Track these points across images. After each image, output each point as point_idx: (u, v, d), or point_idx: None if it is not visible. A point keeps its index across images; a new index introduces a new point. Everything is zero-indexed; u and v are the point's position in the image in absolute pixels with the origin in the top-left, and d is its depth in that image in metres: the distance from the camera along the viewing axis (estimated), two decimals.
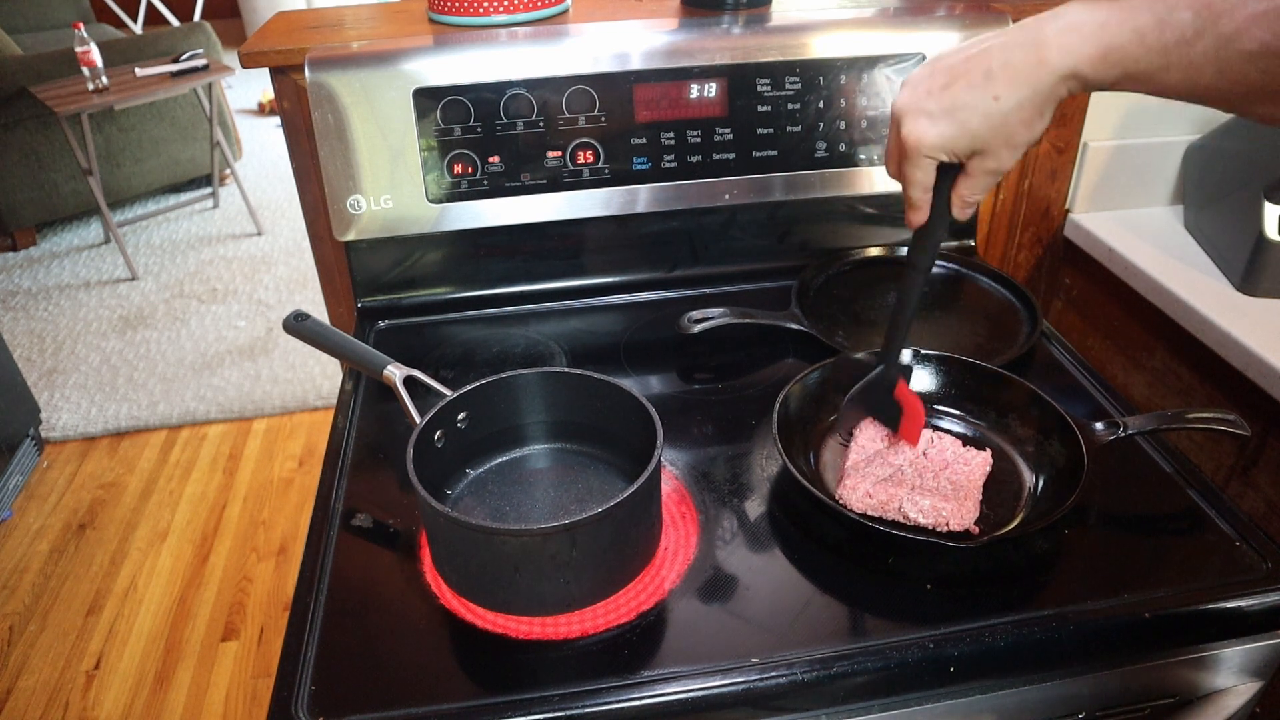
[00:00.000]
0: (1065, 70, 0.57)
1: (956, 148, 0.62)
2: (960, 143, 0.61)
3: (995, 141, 0.61)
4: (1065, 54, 0.56)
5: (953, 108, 0.60)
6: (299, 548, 1.98)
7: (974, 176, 0.64)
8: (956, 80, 0.60)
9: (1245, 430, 0.77)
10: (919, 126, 0.62)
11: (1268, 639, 0.71)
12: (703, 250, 1.16)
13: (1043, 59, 0.57)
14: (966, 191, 0.65)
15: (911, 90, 0.63)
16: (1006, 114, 0.59)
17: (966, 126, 0.60)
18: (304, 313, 0.89)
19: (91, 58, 2.88)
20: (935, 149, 0.62)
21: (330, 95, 0.97)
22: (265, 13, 5.14)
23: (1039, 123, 0.60)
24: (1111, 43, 0.55)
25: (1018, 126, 0.60)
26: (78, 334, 2.87)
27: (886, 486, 0.76)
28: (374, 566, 0.74)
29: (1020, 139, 0.60)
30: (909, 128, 0.63)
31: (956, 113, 0.60)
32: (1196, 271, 1.15)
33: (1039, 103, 0.59)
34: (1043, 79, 0.57)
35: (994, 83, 0.59)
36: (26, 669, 1.76)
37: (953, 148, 0.62)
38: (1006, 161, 0.62)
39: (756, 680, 0.63)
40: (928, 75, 0.62)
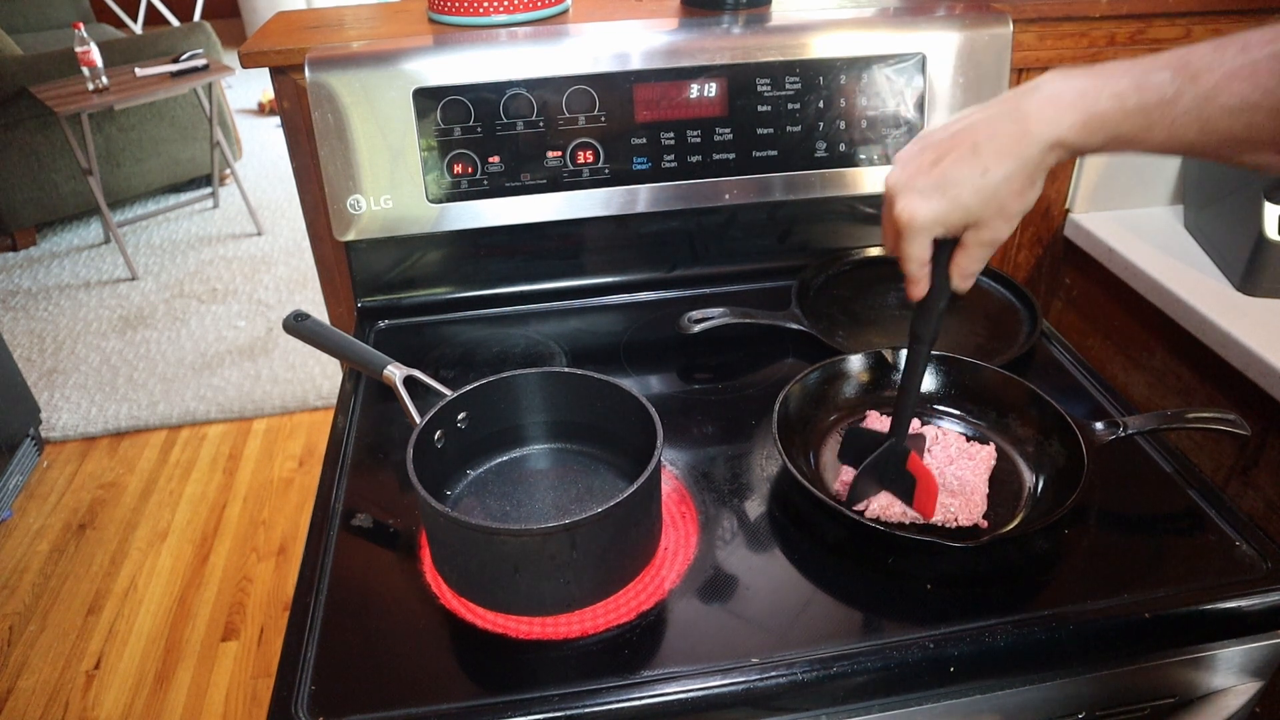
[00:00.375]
0: (1050, 140, 0.58)
1: (950, 222, 0.62)
2: (954, 217, 0.62)
3: (988, 213, 0.61)
4: (1048, 125, 0.57)
5: (943, 183, 0.61)
6: (299, 548, 1.98)
7: (970, 248, 0.64)
8: (945, 156, 0.61)
9: (1245, 430, 0.77)
10: (911, 204, 0.62)
11: (1268, 639, 0.71)
12: (703, 250, 1.16)
13: (1027, 130, 0.58)
14: (964, 263, 0.65)
15: (902, 168, 0.63)
16: (997, 186, 0.60)
17: (958, 201, 0.61)
18: (304, 313, 0.89)
19: (91, 58, 2.88)
20: (929, 225, 0.62)
21: (330, 95, 0.97)
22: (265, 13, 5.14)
23: (1030, 192, 0.61)
24: (1092, 110, 0.56)
25: (1009, 197, 0.60)
26: (78, 334, 2.87)
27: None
28: (374, 566, 0.74)
29: (1013, 209, 0.61)
30: (901, 205, 0.63)
31: (948, 188, 0.61)
32: (1196, 271, 1.15)
33: (1028, 173, 0.59)
34: (1028, 150, 0.58)
35: (982, 156, 0.59)
36: (26, 669, 1.76)
37: (946, 222, 0.62)
38: (1002, 232, 0.62)
39: (756, 680, 0.63)
40: (917, 152, 0.63)
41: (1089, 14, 1.16)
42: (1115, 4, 1.15)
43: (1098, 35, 1.19)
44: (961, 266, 0.65)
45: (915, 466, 0.74)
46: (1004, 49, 1.07)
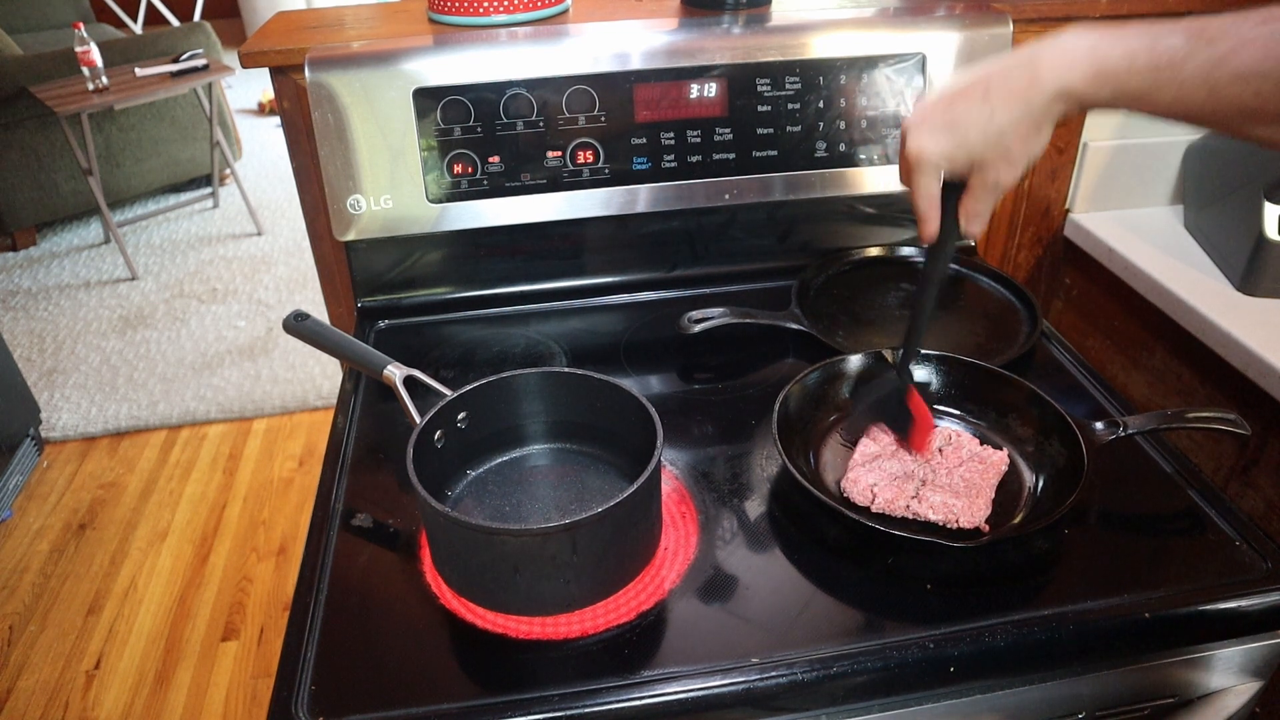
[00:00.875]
0: (1057, 89, 0.60)
1: (956, 159, 0.65)
2: (959, 155, 0.65)
3: (992, 155, 0.64)
4: (1058, 74, 0.60)
5: (953, 122, 0.64)
6: (299, 548, 1.98)
7: (975, 190, 0.67)
8: (959, 99, 0.64)
9: (1245, 430, 0.77)
10: (921, 138, 0.66)
11: (1268, 639, 0.71)
12: (703, 250, 1.16)
13: (1036, 77, 0.61)
14: (970, 205, 0.68)
15: (920, 108, 0.67)
16: (1002, 129, 0.62)
17: (965, 140, 0.64)
18: (304, 313, 0.89)
19: (91, 58, 2.88)
20: (936, 160, 0.66)
21: (330, 95, 0.97)
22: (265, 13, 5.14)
23: (1035, 138, 0.63)
24: (1103, 63, 0.58)
25: (1014, 141, 0.63)
26: (78, 334, 2.87)
27: (893, 483, 0.77)
28: (374, 566, 0.74)
29: (1017, 154, 0.64)
30: (912, 141, 0.66)
31: (956, 127, 0.64)
32: (1196, 271, 1.15)
33: (1034, 119, 0.62)
34: (1035, 97, 0.61)
35: (990, 100, 0.62)
36: (26, 669, 1.76)
37: (952, 159, 0.66)
38: (1005, 176, 0.65)
39: (756, 680, 0.63)
40: (937, 95, 0.66)
41: (1089, 14, 1.16)
42: (1115, 4, 1.15)
43: None
44: (969, 208, 0.68)
45: (914, 404, 0.77)
46: (1004, 49, 1.07)
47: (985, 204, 0.67)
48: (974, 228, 0.69)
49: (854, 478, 0.77)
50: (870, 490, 0.76)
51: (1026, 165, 0.64)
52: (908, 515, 0.75)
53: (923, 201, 0.69)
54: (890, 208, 1.18)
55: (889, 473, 0.78)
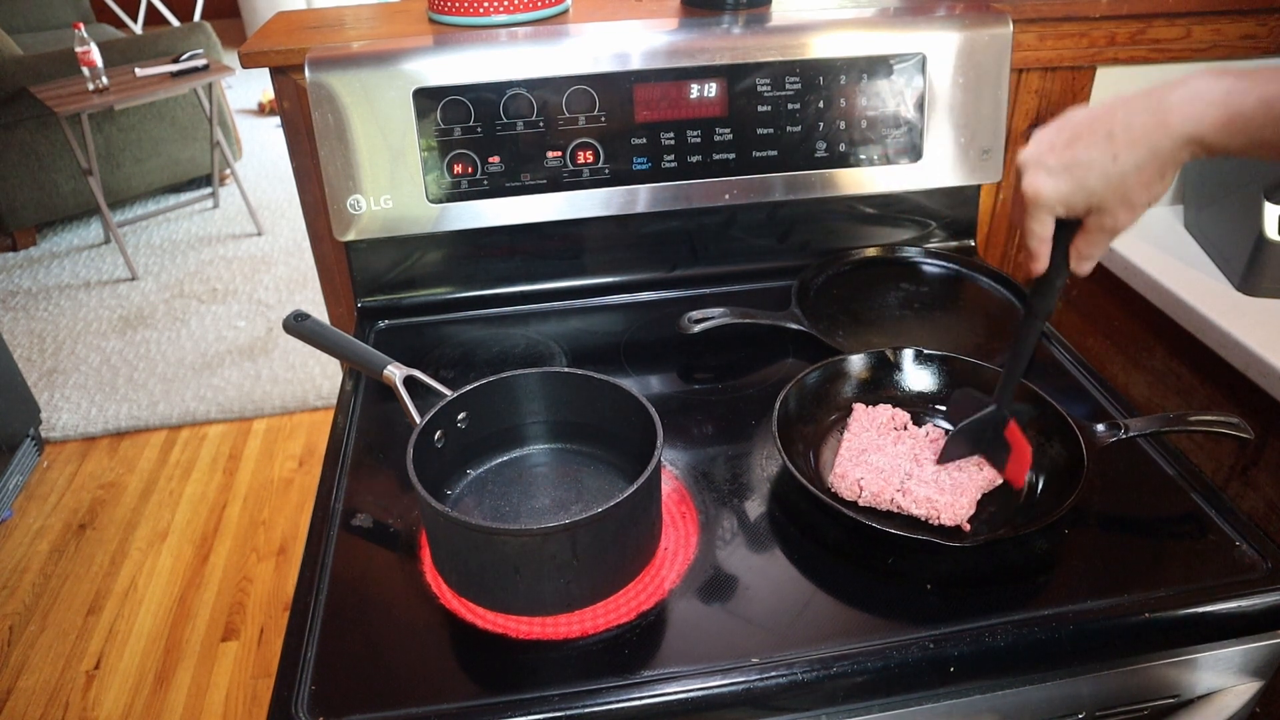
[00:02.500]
0: (1187, 135, 0.57)
1: (1074, 203, 0.63)
2: (1077, 199, 0.62)
3: (1112, 200, 0.61)
4: (1188, 120, 0.57)
5: (1072, 164, 0.61)
6: (299, 548, 1.98)
7: (1092, 233, 0.64)
8: (1079, 138, 0.61)
9: (1248, 434, 0.77)
10: (1038, 180, 0.63)
11: (1268, 639, 0.71)
12: (703, 250, 1.16)
13: (1165, 123, 0.58)
14: (1084, 247, 0.65)
15: (1036, 144, 0.64)
16: (1125, 174, 0.60)
17: (1084, 184, 0.61)
18: (304, 313, 0.89)
19: (91, 58, 2.88)
20: (1052, 203, 0.63)
21: (330, 95, 0.97)
22: (265, 13, 5.14)
23: (1158, 185, 0.60)
24: (1237, 111, 0.55)
25: (1136, 187, 0.60)
26: (78, 334, 2.87)
27: (879, 476, 0.77)
28: (374, 566, 0.74)
29: (1138, 199, 0.61)
30: (1029, 180, 0.63)
31: (1075, 169, 0.61)
32: (1196, 271, 1.15)
33: (1158, 165, 0.59)
34: (1162, 143, 0.58)
35: (1114, 143, 0.59)
36: (26, 669, 1.76)
37: (1070, 203, 0.63)
38: (1124, 221, 0.62)
39: (756, 680, 0.63)
40: (1055, 130, 0.63)
41: (1089, 14, 1.16)
42: (1115, 4, 1.15)
43: (1098, 35, 1.19)
44: (1081, 249, 0.66)
45: (1013, 435, 0.75)
46: (1004, 49, 1.07)
47: (1100, 247, 0.65)
48: (1084, 268, 0.67)
49: (841, 473, 0.77)
50: (857, 484, 0.76)
51: (1145, 210, 0.62)
52: (892, 509, 0.75)
53: (1034, 241, 0.66)
54: (890, 208, 1.18)
55: (875, 467, 0.78)
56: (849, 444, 0.81)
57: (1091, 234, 0.64)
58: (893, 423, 0.84)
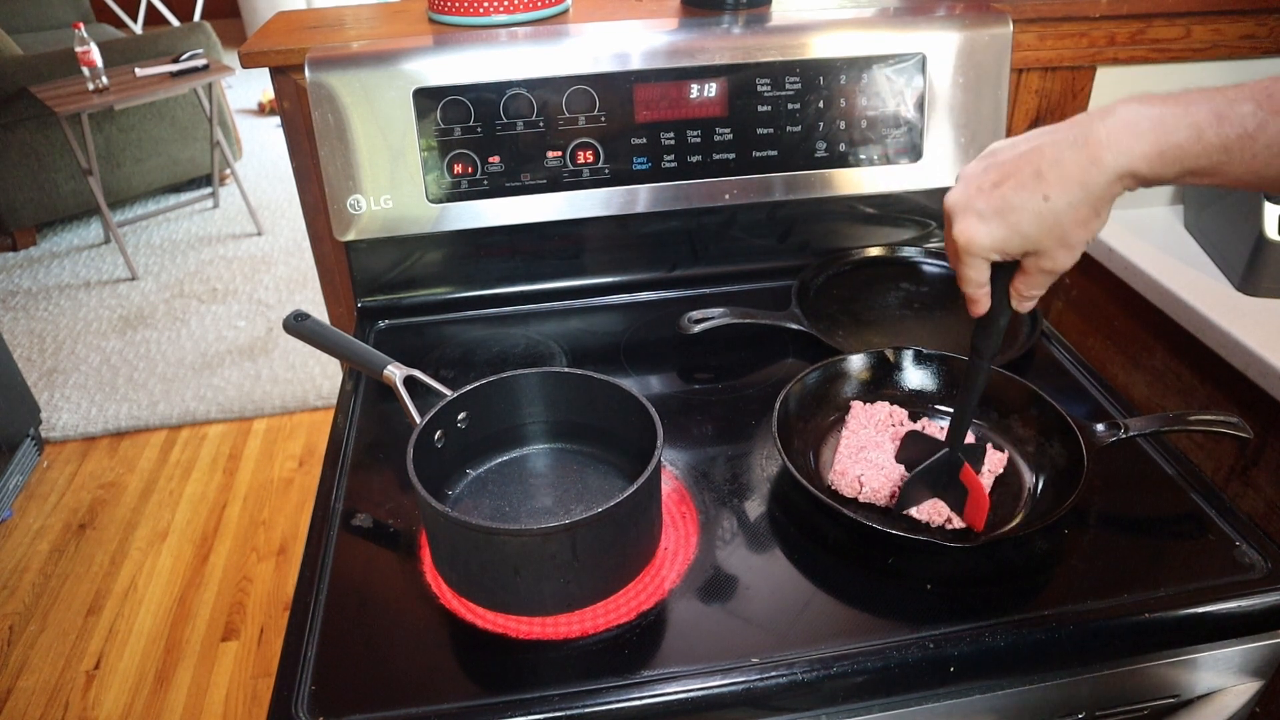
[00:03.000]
0: (1119, 170, 0.54)
1: (1009, 248, 0.60)
2: (1012, 243, 0.59)
3: (1049, 242, 0.58)
4: (1119, 154, 0.54)
5: (1003, 208, 0.58)
6: (299, 548, 1.98)
7: (1031, 275, 0.62)
8: (1007, 179, 0.58)
9: (1248, 433, 0.77)
10: (969, 226, 0.60)
11: (1268, 639, 0.71)
12: (703, 250, 1.16)
13: (1095, 158, 0.54)
14: (1023, 288, 0.63)
15: (963, 186, 0.61)
16: (1059, 215, 0.56)
17: (1018, 228, 0.58)
18: (304, 313, 0.89)
19: (91, 58, 2.88)
20: (986, 250, 0.60)
21: (330, 95, 0.97)
22: (265, 13, 5.14)
23: (1095, 222, 0.57)
24: (1169, 140, 0.53)
25: (1072, 226, 0.57)
26: (78, 334, 2.87)
27: (879, 473, 0.77)
28: (374, 566, 0.74)
29: (1075, 239, 0.58)
30: (959, 227, 0.60)
31: (1007, 214, 0.58)
32: (1196, 271, 1.15)
33: (1092, 203, 0.56)
34: (1095, 179, 0.55)
35: (1044, 183, 0.56)
36: (26, 669, 1.76)
37: (1004, 249, 0.60)
38: (1063, 261, 0.59)
39: (756, 680, 0.63)
40: (980, 171, 0.60)
41: (1089, 14, 1.16)
42: (1115, 4, 1.15)
43: (1098, 35, 1.19)
44: (1020, 291, 0.63)
45: (968, 478, 0.73)
46: (1004, 49, 1.07)
47: (1039, 288, 0.62)
48: (1026, 307, 0.64)
49: (841, 469, 0.77)
50: (858, 481, 0.76)
51: (1084, 248, 0.59)
52: (890, 504, 0.75)
53: (970, 287, 0.63)
54: (890, 208, 1.18)
55: (875, 464, 0.78)
56: (848, 441, 0.81)
57: (1031, 275, 0.61)
58: (890, 420, 0.84)
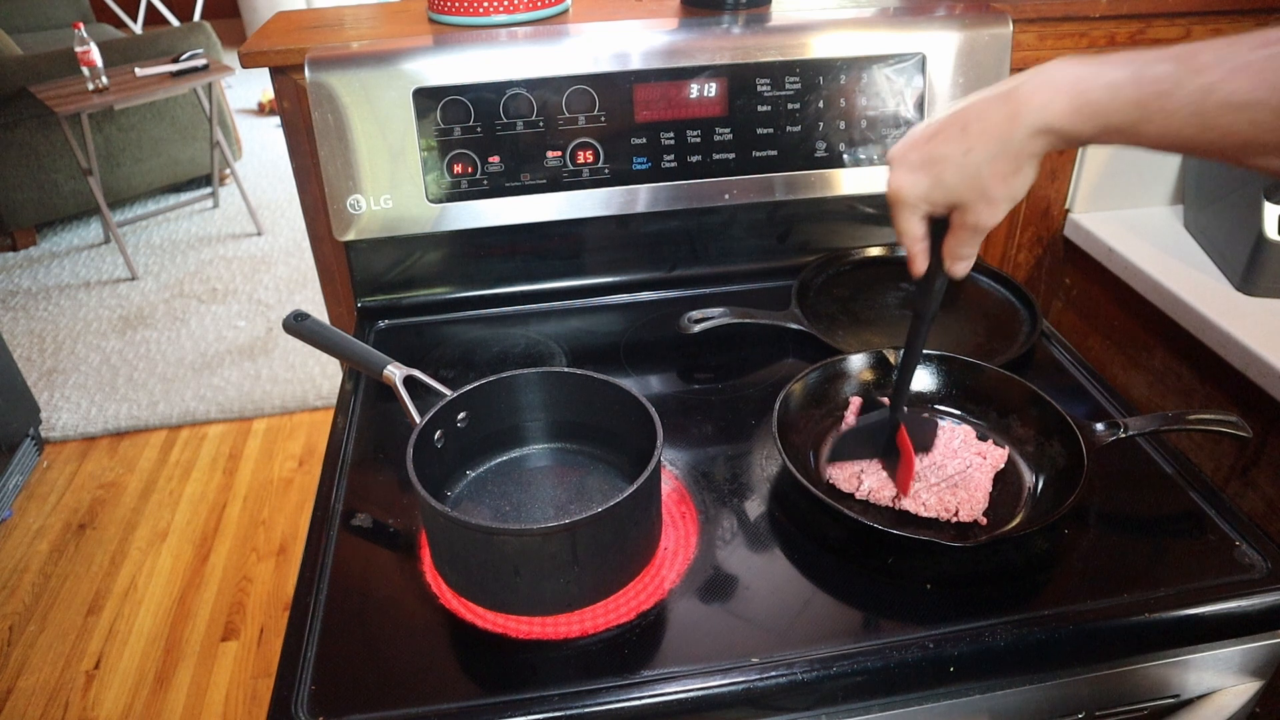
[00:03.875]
0: (1038, 125, 0.56)
1: (933, 199, 0.62)
2: (936, 194, 0.62)
3: (970, 195, 0.60)
4: (1037, 109, 0.56)
5: (930, 160, 0.61)
6: (299, 548, 1.98)
7: (958, 231, 0.64)
8: (937, 135, 0.61)
9: (1247, 432, 0.77)
10: (899, 177, 0.63)
11: (1267, 639, 0.71)
12: (703, 250, 1.16)
13: (1015, 113, 0.57)
14: (953, 245, 0.65)
15: (901, 142, 0.64)
16: (979, 167, 0.59)
17: (941, 179, 0.61)
18: (304, 313, 0.89)
19: (91, 58, 2.88)
20: (913, 201, 0.63)
21: (330, 95, 0.97)
22: (265, 13, 5.14)
23: (1016, 178, 0.59)
24: (1085, 96, 0.54)
25: (991, 179, 0.59)
26: (78, 334, 2.87)
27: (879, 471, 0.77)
28: (374, 566, 0.74)
29: (996, 194, 0.60)
30: (891, 178, 0.64)
31: (933, 165, 0.61)
32: (1196, 271, 1.15)
33: (1011, 157, 0.58)
34: (1013, 133, 0.57)
35: (968, 136, 0.59)
36: (26, 669, 1.76)
37: (930, 199, 0.62)
38: (985, 216, 0.61)
39: (756, 680, 0.63)
40: (920, 129, 0.63)
41: (1089, 14, 1.16)
42: (1115, 4, 1.15)
43: (1098, 35, 1.19)
44: (949, 248, 0.65)
45: (901, 442, 0.76)
46: (1004, 49, 1.07)
47: (966, 245, 0.64)
48: (957, 269, 0.66)
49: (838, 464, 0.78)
50: (857, 477, 0.77)
51: (1008, 205, 0.60)
52: (895, 505, 0.75)
53: (906, 240, 0.66)
54: None
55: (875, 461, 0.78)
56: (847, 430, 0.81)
57: (957, 232, 0.63)
58: None
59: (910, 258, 0.68)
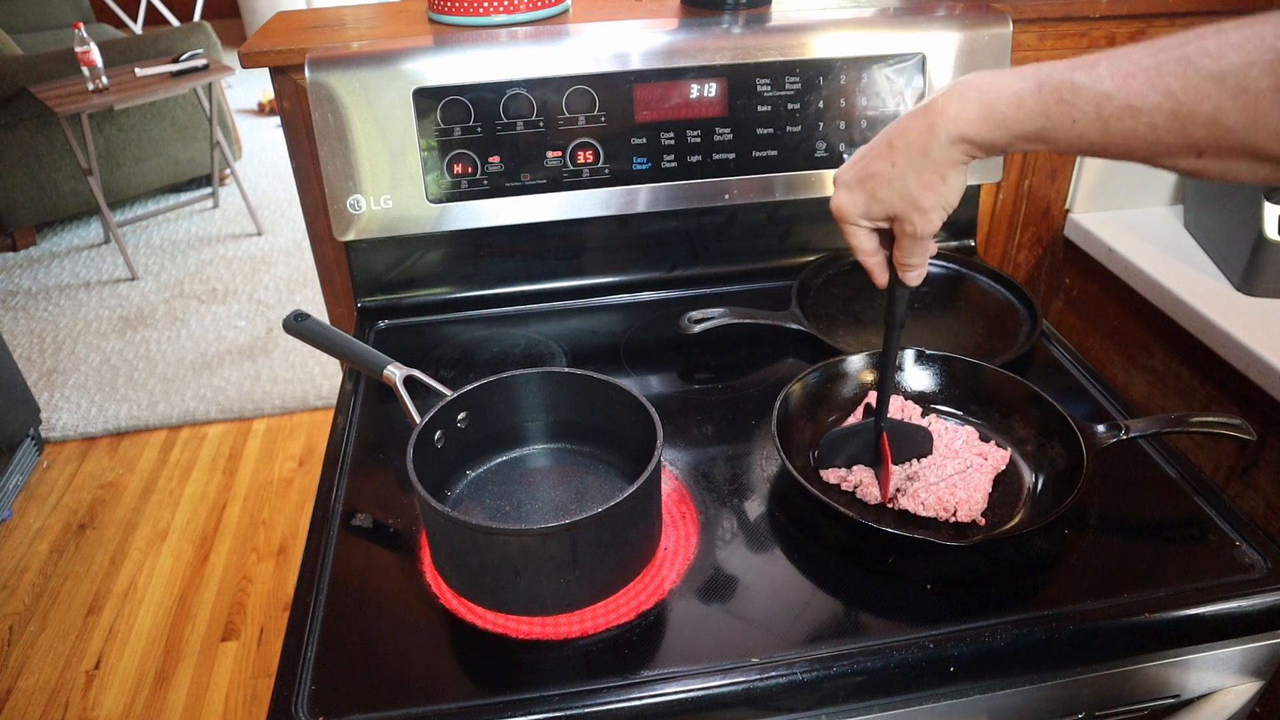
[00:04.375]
0: (952, 135, 0.59)
1: (871, 213, 0.66)
2: (874, 209, 0.65)
3: (902, 206, 0.64)
4: (950, 120, 0.59)
5: (863, 177, 0.65)
6: (299, 548, 1.98)
7: (899, 241, 0.67)
8: (869, 153, 0.65)
9: (1250, 435, 0.77)
10: (838, 197, 0.67)
11: (1267, 639, 0.71)
12: (703, 250, 1.16)
13: (932, 125, 0.59)
14: (898, 255, 0.68)
15: (844, 164, 0.68)
16: (905, 179, 0.62)
17: (874, 194, 0.64)
18: (304, 313, 0.89)
19: (91, 58, 2.88)
20: (853, 216, 0.67)
21: (330, 95, 0.97)
22: (265, 13, 5.14)
23: (942, 186, 0.62)
24: (993, 107, 0.57)
25: (918, 190, 0.62)
26: (78, 334, 2.87)
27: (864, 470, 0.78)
28: (374, 566, 0.74)
29: (926, 203, 0.63)
30: (834, 198, 0.68)
31: (866, 182, 0.65)
32: (1196, 271, 1.15)
33: (933, 168, 0.61)
34: (931, 144, 0.60)
35: (893, 151, 0.62)
36: (26, 669, 1.76)
37: (868, 213, 0.66)
38: (921, 225, 0.64)
39: (756, 680, 0.63)
40: (860, 150, 0.66)
41: (1089, 14, 1.16)
42: (1115, 4, 1.15)
43: (1098, 35, 1.19)
44: (896, 257, 0.68)
45: (883, 449, 0.77)
46: (1004, 49, 1.07)
47: (912, 254, 0.67)
48: (908, 278, 0.69)
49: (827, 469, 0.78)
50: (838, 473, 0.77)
51: (942, 213, 0.63)
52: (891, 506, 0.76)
53: (860, 256, 0.69)
54: None
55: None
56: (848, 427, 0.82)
57: (900, 241, 0.66)
58: (903, 413, 0.84)
59: (869, 271, 0.71)
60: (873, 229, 0.68)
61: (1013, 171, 1.27)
